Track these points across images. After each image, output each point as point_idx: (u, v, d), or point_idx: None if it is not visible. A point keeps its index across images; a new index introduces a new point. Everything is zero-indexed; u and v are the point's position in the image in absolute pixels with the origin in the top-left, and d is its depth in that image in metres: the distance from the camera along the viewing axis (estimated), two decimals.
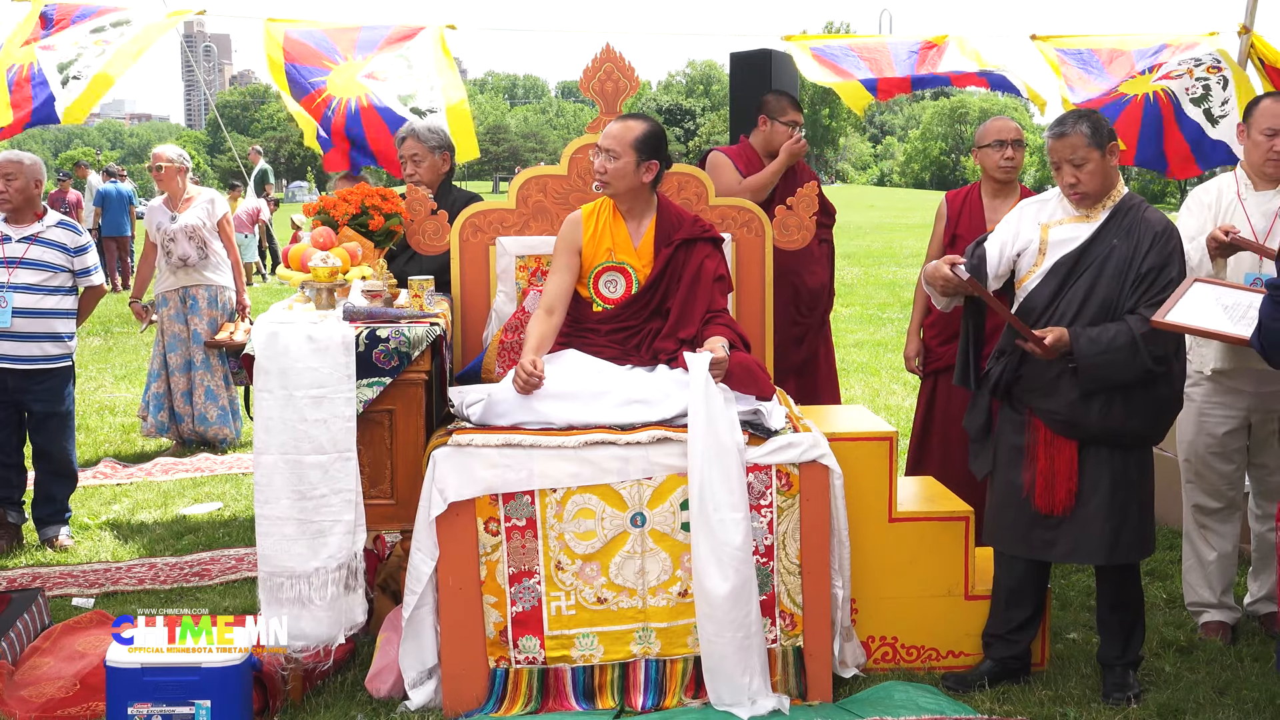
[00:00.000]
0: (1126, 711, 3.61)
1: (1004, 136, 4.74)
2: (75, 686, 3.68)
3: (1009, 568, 3.79)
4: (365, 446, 3.67)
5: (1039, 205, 3.78)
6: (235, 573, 5.01)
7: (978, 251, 3.77)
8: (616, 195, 3.95)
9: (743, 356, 3.79)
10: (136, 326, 12.59)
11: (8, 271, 5.24)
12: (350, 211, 4.09)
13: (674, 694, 3.63)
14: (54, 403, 5.37)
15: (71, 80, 5.20)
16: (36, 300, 5.25)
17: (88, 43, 5.36)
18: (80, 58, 5.27)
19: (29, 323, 5.23)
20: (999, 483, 3.77)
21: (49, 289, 5.29)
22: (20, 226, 5.34)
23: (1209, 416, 4.12)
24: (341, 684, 3.80)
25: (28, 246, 5.30)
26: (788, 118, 5.18)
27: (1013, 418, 3.72)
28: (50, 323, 5.30)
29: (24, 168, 5.33)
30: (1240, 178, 4.09)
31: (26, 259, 5.28)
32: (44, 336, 5.28)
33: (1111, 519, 3.60)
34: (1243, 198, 4.04)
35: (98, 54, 5.29)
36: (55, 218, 5.46)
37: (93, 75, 5.21)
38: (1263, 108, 4.04)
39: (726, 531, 3.50)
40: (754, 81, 7.38)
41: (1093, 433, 3.59)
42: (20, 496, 5.52)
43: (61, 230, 5.41)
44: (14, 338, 5.22)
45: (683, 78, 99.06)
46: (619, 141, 3.87)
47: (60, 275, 5.34)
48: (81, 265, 5.42)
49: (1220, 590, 4.21)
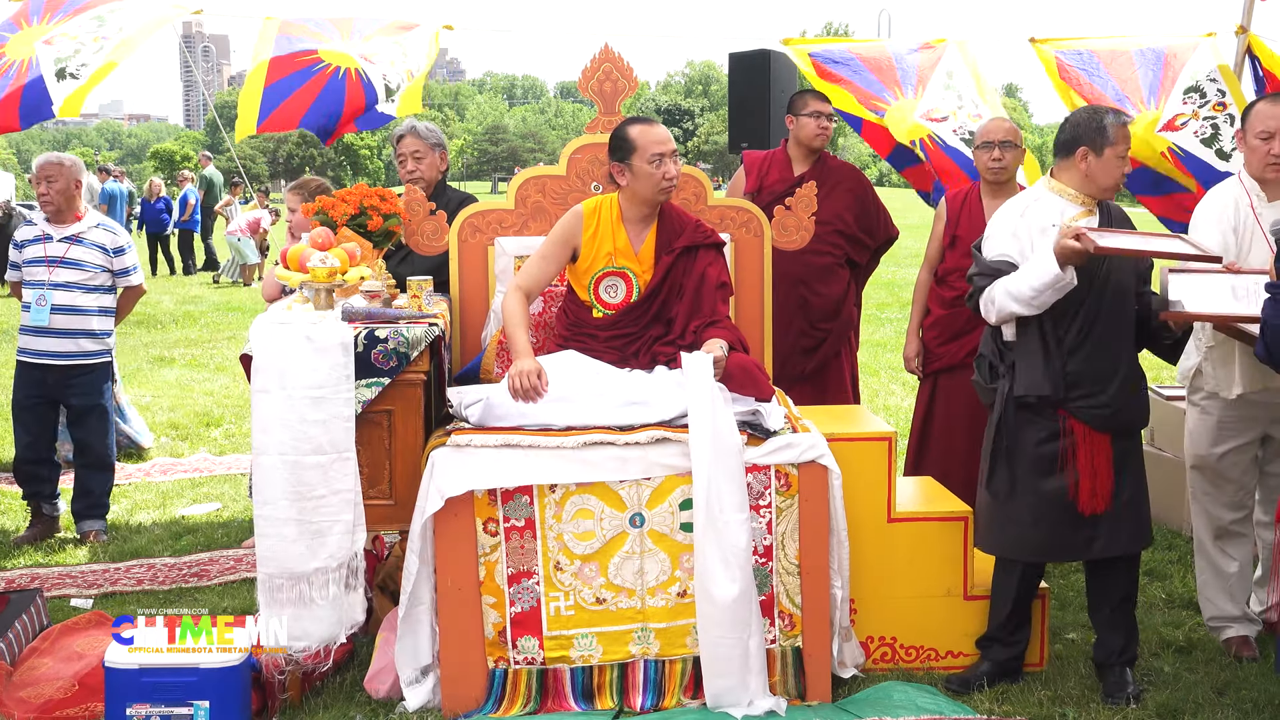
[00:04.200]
0: (1125, 711, 3.61)
1: (992, 137, 4.73)
2: (74, 687, 3.68)
3: (1014, 572, 3.78)
4: (364, 447, 3.67)
5: (1036, 208, 3.71)
6: (234, 573, 5.01)
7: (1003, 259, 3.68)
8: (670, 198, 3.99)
9: (741, 358, 3.79)
10: (136, 326, 12.62)
11: (49, 270, 5.39)
12: (349, 212, 4.09)
13: (673, 694, 3.62)
14: (93, 396, 5.52)
15: (68, 77, 5.20)
16: (76, 299, 5.39)
17: (86, 39, 5.37)
18: (78, 54, 5.28)
19: (68, 319, 5.38)
20: (1024, 495, 3.69)
21: (88, 288, 5.43)
22: (62, 226, 5.47)
23: (1229, 431, 4.02)
24: (340, 684, 3.80)
25: (69, 246, 5.42)
26: (810, 109, 5.18)
27: (1038, 423, 3.66)
28: (88, 320, 5.43)
29: (64, 169, 5.46)
30: (1251, 189, 3.95)
31: (68, 259, 5.41)
32: (81, 333, 5.43)
33: (1138, 506, 3.70)
34: (1257, 211, 3.90)
35: (95, 50, 5.29)
36: (95, 219, 5.59)
37: (95, 68, 5.22)
38: (1257, 111, 3.94)
39: (732, 533, 3.50)
40: (753, 82, 7.41)
41: (1126, 422, 3.66)
42: (55, 490, 5.65)
43: (101, 231, 5.54)
44: (53, 334, 5.38)
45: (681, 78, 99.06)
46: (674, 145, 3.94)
47: (100, 275, 5.47)
48: (120, 265, 5.54)
49: (1242, 601, 4.15)
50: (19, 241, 5.50)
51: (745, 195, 5.13)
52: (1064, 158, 3.70)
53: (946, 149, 5.38)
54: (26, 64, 5.26)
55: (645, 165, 3.86)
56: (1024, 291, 3.53)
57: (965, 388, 4.81)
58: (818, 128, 5.15)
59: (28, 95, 5.17)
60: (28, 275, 5.44)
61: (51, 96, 5.17)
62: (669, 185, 3.91)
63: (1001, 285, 3.60)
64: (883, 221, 5.38)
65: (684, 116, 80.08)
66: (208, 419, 8.20)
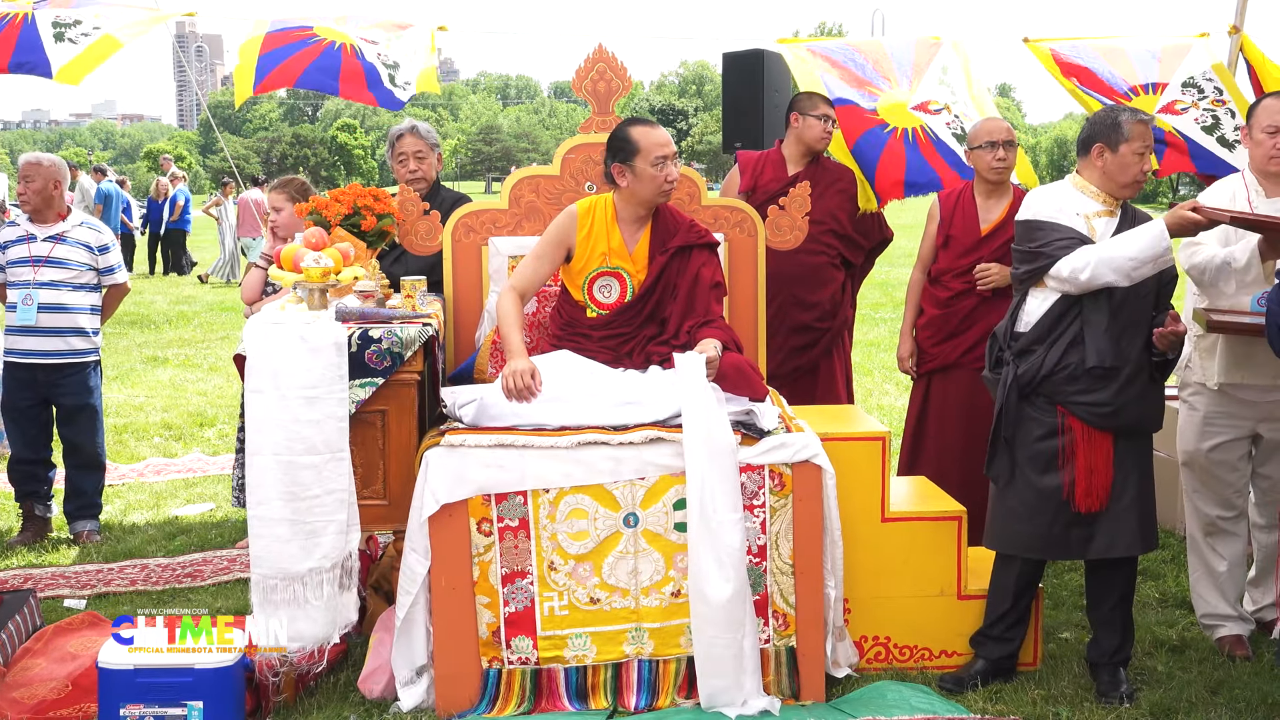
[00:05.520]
0: (1119, 711, 3.62)
1: (995, 138, 4.74)
2: (67, 688, 3.67)
3: (1013, 568, 3.79)
4: (358, 447, 3.66)
5: (1072, 198, 3.71)
6: (227, 574, 5.00)
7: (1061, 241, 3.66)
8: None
9: (735, 357, 3.79)
10: (129, 326, 12.60)
11: (34, 270, 5.40)
12: (342, 212, 4.08)
13: (667, 694, 3.62)
14: (82, 395, 5.51)
15: (67, 41, 5.19)
16: (63, 297, 5.39)
17: (87, 15, 5.36)
18: (78, 24, 5.27)
19: (55, 318, 5.39)
20: (1019, 488, 3.72)
21: (74, 286, 5.43)
22: (45, 226, 5.47)
23: (1215, 427, 4.05)
24: (334, 685, 3.79)
25: (53, 245, 5.43)
26: (819, 111, 5.18)
27: (1039, 419, 3.67)
28: (75, 318, 5.43)
29: (41, 169, 5.46)
30: (1250, 183, 3.98)
31: (52, 258, 5.41)
32: (69, 331, 5.43)
33: (1142, 508, 3.68)
34: (1254, 206, 3.92)
35: (97, 24, 5.29)
36: (79, 217, 5.59)
37: (96, 39, 5.20)
38: (1264, 106, 3.97)
39: (727, 533, 3.50)
40: (747, 82, 7.41)
41: (1129, 423, 3.63)
42: (49, 490, 5.64)
43: (85, 230, 5.54)
44: (41, 333, 5.38)
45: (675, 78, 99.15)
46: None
47: (86, 273, 5.47)
48: (105, 264, 5.55)
49: (1234, 600, 4.16)
50: (2, 243, 5.48)
51: (739, 195, 5.13)
52: (1083, 155, 3.73)
53: (939, 144, 5.37)
54: (22, 16, 5.25)
55: (648, 167, 3.87)
56: (1123, 262, 3.51)
57: (959, 387, 4.84)
58: (824, 130, 5.16)
59: (22, 41, 5.16)
60: (12, 276, 5.43)
61: (49, 57, 5.16)
62: (670, 188, 3.93)
63: (1096, 254, 3.54)
64: (877, 223, 5.38)
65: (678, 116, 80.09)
66: (201, 419, 8.19)
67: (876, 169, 5.27)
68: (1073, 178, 3.80)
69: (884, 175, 5.27)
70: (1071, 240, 3.61)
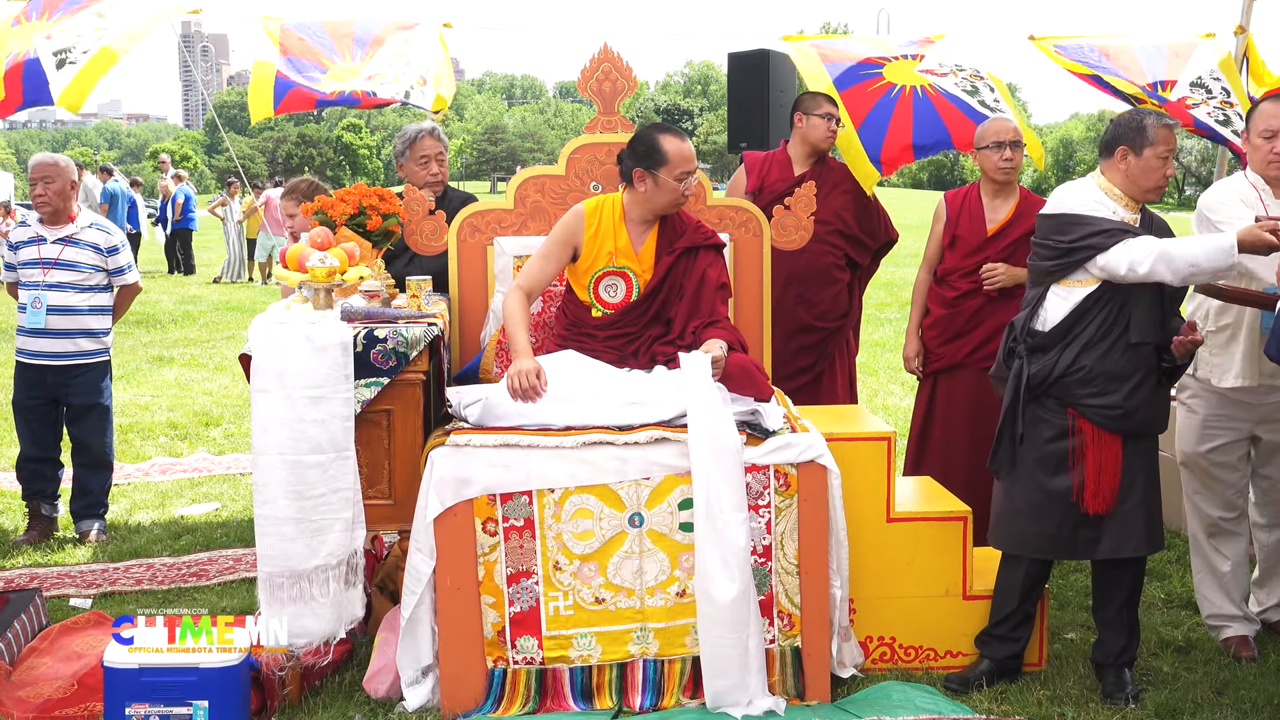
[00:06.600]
0: (1124, 711, 3.61)
1: (1002, 138, 4.74)
2: (73, 687, 3.68)
3: (1019, 568, 3.78)
4: (363, 447, 3.67)
5: (1094, 203, 3.67)
6: (233, 573, 5.01)
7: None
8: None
9: (740, 357, 3.79)
10: (135, 326, 12.62)
11: (43, 272, 5.40)
12: (348, 212, 4.09)
13: (672, 694, 3.62)
14: (92, 395, 5.52)
15: (67, 64, 5.20)
16: (71, 299, 5.40)
17: (86, 29, 5.37)
18: (76, 45, 5.28)
19: (64, 320, 5.39)
20: (1027, 488, 3.70)
21: (84, 288, 5.44)
22: (55, 228, 5.47)
23: (1214, 429, 4.05)
24: (339, 684, 3.80)
25: (63, 248, 5.43)
26: (822, 110, 5.17)
27: (1048, 420, 3.66)
28: (85, 320, 5.44)
29: (61, 169, 5.48)
30: (1258, 184, 3.95)
31: (62, 260, 5.42)
32: (79, 333, 5.44)
33: (1149, 509, 3.67)
34: (1267, 207, 3.88)
35: (95, 40, 5.30)
36: (89, 219, 5.58)
37: (91, 55, 5.21)
38: (1260, 110, 3.96)
39: (732, 533, 3.50)
40: (752, 82, 7.40)
41: (1139, 425, 3.62)
42: (55, 490, 5.65)
43: (95, 231, 5.53)
44: (50, 335, 5.39)
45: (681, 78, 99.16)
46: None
47: (95, 275, 5.47)
48: (115, 265, 5.54)
49: (1239, 600, 4.16)
50: (13, 243, 5.51)
51: (745, 195, 5.12)
52: (1106, 157, 3.69)
53: (950, 96, 5.32)
54: (24, 52, 5.26)
55: (671, 180, 3.88)
56: (1182, 265, 3.45)
57: (965, 387, 4.84)
58: (828, 130, 5.15)
59: (27, 74, 5.17)
60: (23, 277, 5.44)
61: (50, 83, 5.16)
62: (684, 201, 3.96)
63: (1159, 248, 3.47)
64: (883, 223, 5.37)
65: (683, 116, 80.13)
66: (207, 419, 8.20)
67: (885, 137, 5.20)
68: (1095, 177, 3.75)
69: (892, 142, 5.19)
70: (1115, 232, 3.56)
